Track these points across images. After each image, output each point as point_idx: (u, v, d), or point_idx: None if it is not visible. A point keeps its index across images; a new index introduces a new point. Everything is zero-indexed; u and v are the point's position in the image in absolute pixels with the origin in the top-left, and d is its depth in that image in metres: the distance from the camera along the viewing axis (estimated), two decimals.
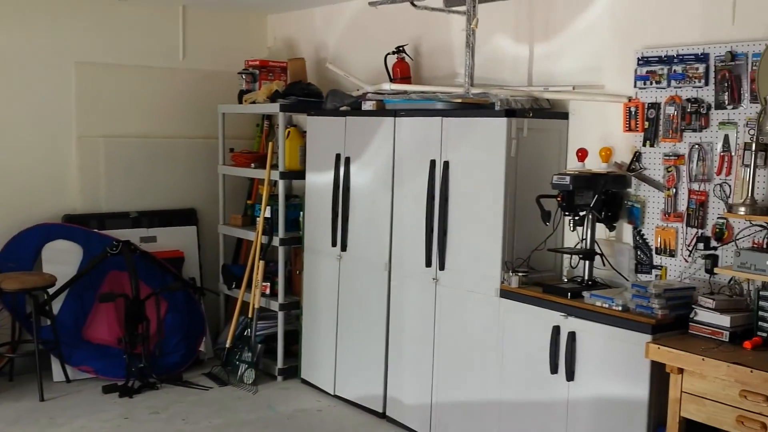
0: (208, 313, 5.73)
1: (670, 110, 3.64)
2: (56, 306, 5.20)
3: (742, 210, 3.26)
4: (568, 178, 3.70)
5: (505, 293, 3.89)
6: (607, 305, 3.49)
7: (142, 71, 5.81)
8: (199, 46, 6.05)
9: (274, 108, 5.31)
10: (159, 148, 5.89)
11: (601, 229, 3.87)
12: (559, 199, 3.77)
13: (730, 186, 3.46)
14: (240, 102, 5.64)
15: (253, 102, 5.48)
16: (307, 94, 5.30)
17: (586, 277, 3.81)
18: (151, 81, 5.86)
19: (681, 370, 3.14)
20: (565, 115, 4.12)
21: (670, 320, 3.34)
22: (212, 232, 5.95)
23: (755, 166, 3.25)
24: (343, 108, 4.92)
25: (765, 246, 3.31)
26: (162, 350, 5.30)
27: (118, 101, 5.72)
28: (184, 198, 5.98)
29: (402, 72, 4.95)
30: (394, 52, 4.96)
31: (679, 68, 3.60)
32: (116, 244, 5.22)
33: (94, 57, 5.62)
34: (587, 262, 3.82)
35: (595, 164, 3.85)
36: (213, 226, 5.94)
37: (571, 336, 3.58)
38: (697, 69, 3.53)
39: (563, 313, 3.61)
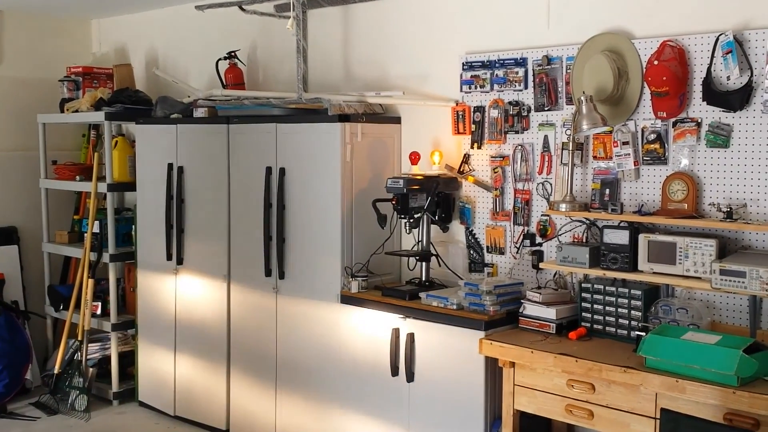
0: (34, 338, 5.36)
1: (494, 113, 3.76)
2: None
3: (562, 207, 3.42)
4: (401, 182, 3.74)
5: (346, 299, 3.87)
6: (442, 305, 3.55)
7: None
8: (17, 52, 5.65)
9: (98, 117, 5.04)
10: None
11: (436, 230, 3.94)
12: (394, 202, 3.80)
13: (551, 184, 3.62)
14: (62, 111, 5.31)
15: (76, 111, 5.17)
16: (135, 102, 5.08)
17: (424, 279, 3.86)
18: None
19: (513, 364, 3.24)
20: (397, 120, 4.17)
21: (502, 316, 3.45)
22: (36, 250, 5.57)
23: (573, 165, 3.43)
24: (174, 115, 4.73)
25: (584, 240, 3.48)
26: None
27: None
28: (2, 215, 5.55)
29: (235, 78, 4.83)
30: (225, 58, 4.83)
31: (500, 72, 3.72)
32: None
33: None
34: (424, 264, 3.87)
35: (427, 167, 3.92)
36: (37, 244, 5.56)
37: (410, 337, 3.61)
38: (517, 73, 3.67)
39: (402, 315, 3.64)
